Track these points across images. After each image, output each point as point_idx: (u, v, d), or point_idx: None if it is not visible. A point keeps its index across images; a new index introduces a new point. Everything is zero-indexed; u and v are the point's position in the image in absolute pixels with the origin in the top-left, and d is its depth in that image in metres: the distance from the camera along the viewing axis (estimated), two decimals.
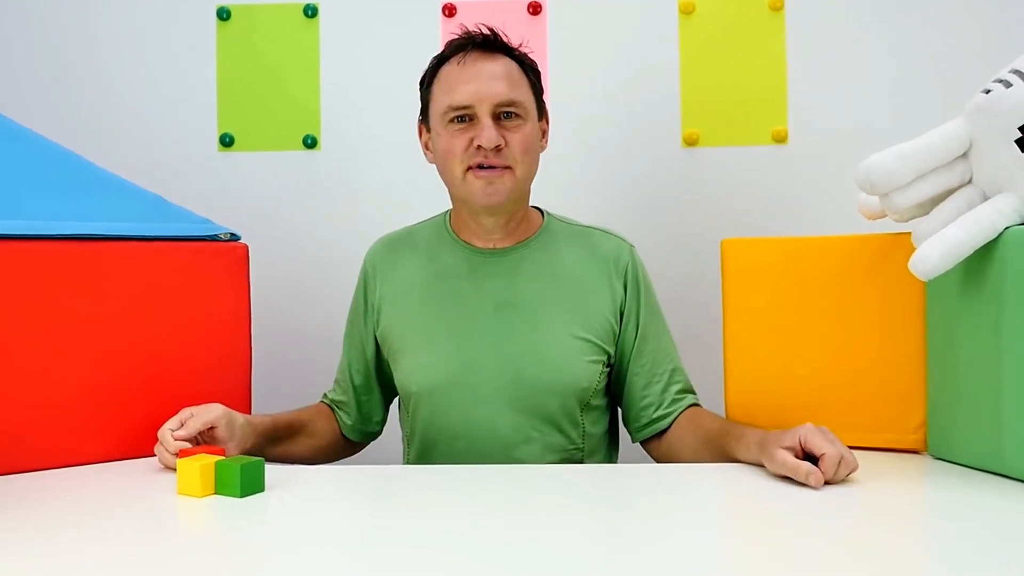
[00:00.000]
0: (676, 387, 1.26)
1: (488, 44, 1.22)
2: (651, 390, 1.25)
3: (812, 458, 0.96)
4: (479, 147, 1.18)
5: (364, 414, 1.35)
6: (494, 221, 1.24)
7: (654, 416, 1.25)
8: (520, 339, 1.22)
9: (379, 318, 1.29)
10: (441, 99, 1.21)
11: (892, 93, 1.65)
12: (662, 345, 1.28)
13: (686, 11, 1.68)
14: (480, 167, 1.19)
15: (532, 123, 1.23)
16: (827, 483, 0.95)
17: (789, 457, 0.97)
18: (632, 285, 1.27)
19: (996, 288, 0.97)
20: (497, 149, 1.18)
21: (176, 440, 1.07)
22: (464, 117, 1.19)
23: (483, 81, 1.18)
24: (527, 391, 1.20)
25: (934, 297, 1.09)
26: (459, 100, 1.18)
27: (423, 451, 1.25)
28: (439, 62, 1.24)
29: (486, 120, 1.18)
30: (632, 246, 1.30)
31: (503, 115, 1.19)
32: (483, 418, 1.21)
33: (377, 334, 1.30)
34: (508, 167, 1.19)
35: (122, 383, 1.17)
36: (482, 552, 0.77)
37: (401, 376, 1.26)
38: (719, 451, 1.12)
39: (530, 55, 1.26)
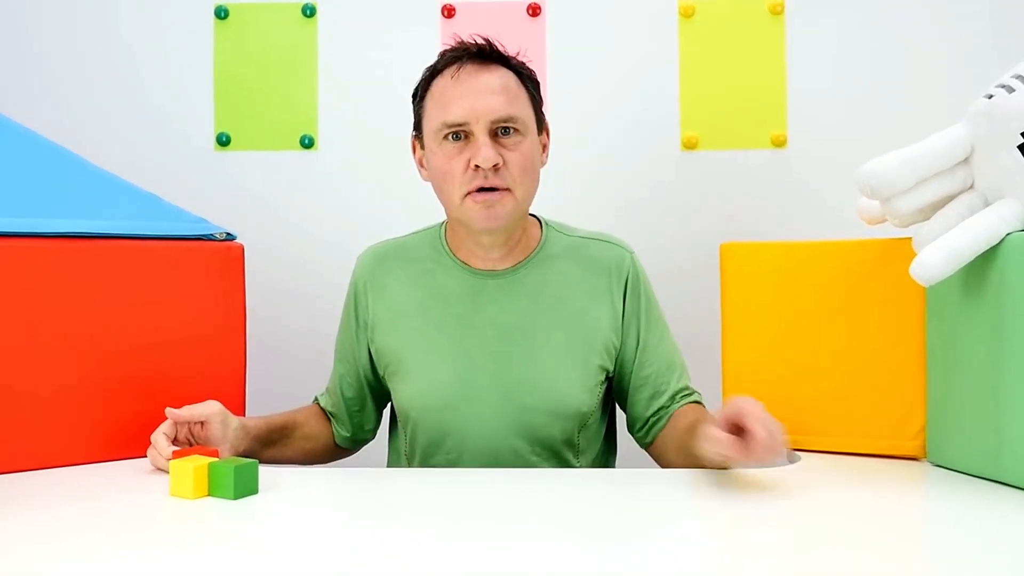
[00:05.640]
0: (683, 395, 1.23)
1: (483, 55, 1.15)
2: (657, 401, 1.22)
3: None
4: (476, 167, 1.11)
5: (356, 424, 1.32)
6: (492, 240, 1.19)
7: (663, 426, 1.22)
8: (521, 365, 1.19)
9: (373, 335, 1.26)
10: (435, 115, 1.15)
11: (892, 98, 1.64)
12: (665, 354, 1.24)
13: (686, 14, 1.67)
14: (479, 190, 1.12)
15: (531, 138, 1.17)
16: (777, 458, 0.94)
17: (716, 445, 0.93)
18: (632, 294, 1.23)
19: (997, 294, 0.97)
20: (495, 168, 1.12)
21: (168, 417, 1.07)
22: (459, 134, 1.13)
23: (479, 96, 1.12)
24: (528, 418, 1.18)
25: (934, 303, 1.08)
26: (454, 117, 1.12)
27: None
28: (432, 74, 1.18)
29: (483, 138, 1.11)
30: (632, 253, 1.26)
31: (500, 131, 1.13)
32: (483, 443, 1.18)
33: (372, 350, 1.27)
34: (507, 189, 1.13)
35: (115, 383, 1.16)
36: (476, 556, 0.77)
37: (400, 399, 1.24)
38: (685, 452, 1.08)
39: (528, 64, 1.20)
